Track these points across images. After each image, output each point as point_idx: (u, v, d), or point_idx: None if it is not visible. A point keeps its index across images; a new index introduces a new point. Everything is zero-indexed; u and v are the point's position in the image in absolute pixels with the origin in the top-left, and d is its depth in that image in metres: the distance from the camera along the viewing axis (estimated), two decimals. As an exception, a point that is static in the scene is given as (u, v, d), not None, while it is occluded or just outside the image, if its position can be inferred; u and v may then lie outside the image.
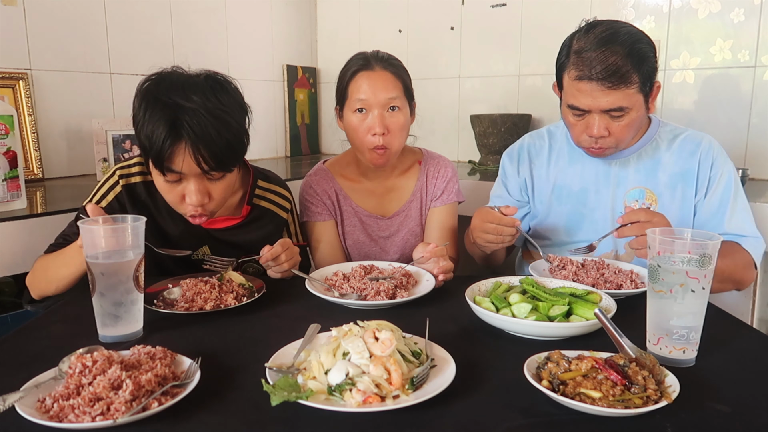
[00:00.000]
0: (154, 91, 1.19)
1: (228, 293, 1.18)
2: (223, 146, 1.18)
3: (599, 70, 1.28)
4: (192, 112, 1.15)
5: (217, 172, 1.22)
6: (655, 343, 0.93)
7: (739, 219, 1.43)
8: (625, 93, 1.30)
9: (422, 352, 0.88)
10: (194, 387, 0.80)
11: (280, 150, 3.26)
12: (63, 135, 2.27)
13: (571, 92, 1.36)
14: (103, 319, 1.00)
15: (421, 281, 1.30)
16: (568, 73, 1.36)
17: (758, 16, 2.19)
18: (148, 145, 1.18)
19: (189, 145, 1.15)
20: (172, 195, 1.25)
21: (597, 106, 1.32)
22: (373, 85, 1.48)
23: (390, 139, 1.50)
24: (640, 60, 1.30)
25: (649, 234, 0.94)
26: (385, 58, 1.54)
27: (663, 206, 1.46)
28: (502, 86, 2.84)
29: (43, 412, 0.74)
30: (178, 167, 1.18)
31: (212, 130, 1.16)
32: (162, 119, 1.15)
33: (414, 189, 1.65)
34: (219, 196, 1.27)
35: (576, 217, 1.55)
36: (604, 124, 1.35)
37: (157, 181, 1.26)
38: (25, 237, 1.54)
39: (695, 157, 1.45)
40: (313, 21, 3.38)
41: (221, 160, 1.20)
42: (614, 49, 1.29)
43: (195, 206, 1.24)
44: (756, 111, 2.24)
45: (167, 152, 1.16)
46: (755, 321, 1.88)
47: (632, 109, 1.33)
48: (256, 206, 1.45)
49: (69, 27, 2.25)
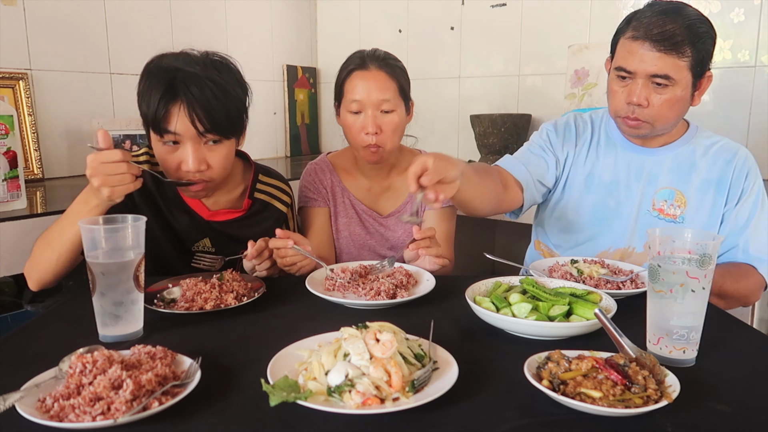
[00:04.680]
0: (157, 62, 1.26)
1: (228, 293, 1.18)
2: (218, 109, 1.21)
3: (655, 33, 1.29)
4: (190, 75, 1.21)
5: (212, 135, 1.23)
6: (655, 343, 0.93)
7: (762, 237, 1.41)
8: (674, 62, 1.30)
9: (426, 355, 0.88)
10: (194, 387, 0.80)
11: (280, 150, 3.26)
12: (63, 135, 2.27)
13: (622, 54, 1.36)
14: (104, 319, 1.00)
15: (422, 281, 1.30)
16: (624, 36, 1.37)
17: (758, 16, 2.19)
18: (146, 108, 1.21)
19: (184, 105, 1.19)
20: (169, 161, 1.26)
21: (644, 69, 1.32)
22: (366, 85, 1.49)
23: (383, 138, 1.51)
24: (697, 37, 1.30)
25: (650, 234, 0.94)
26: (381, 57, 1.54)
27: (692, 210, 1.44)
28: (502, 86, 2.84)
29: (43, 412, 0.74)
30: (173, 127, 1.21)
31: (208, 93, 1.20)
32: (161, 82, 1.20)
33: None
34: (217, 165, 1.28)
35: (602, 209, 1.52)
36: (646, 93, 1.34)
37: (157, 149, 1.27)
38: (25, 237, 1.54)
39: (731, 166, 1.44)
40: (313, 21, 3.38)
41: (216, 121, 1.22)
42: (674, 18, 1.30)
43: (192, 172, 1.25)
44: (756, 111, 2.24)
45: (163, 111, 1.19)
46: (755, 321, 1.89)
47: (677, 84, 1.32)
48: (257, 200, 1.48)
49: (69, 27, 2.25)
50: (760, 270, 1.39)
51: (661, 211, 1.46)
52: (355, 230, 1.64)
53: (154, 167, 1.38)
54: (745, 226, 1.41)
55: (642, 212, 1.48)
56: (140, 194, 1.36)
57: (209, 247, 1.43)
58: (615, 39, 1.42)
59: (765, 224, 1.42)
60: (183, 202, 1.41)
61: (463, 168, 1.16)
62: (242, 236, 1.41)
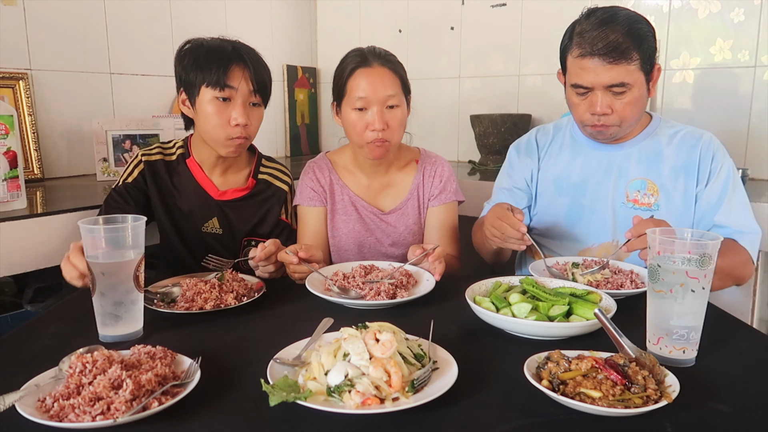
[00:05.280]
0: (198, 41, 1.48)
1: (228, 293, 1.18)
2: (267, 76, 1.51)
3: (600, 47, 1.34)
4: (243, 47, 1.48)
5: (258, 97, 1.49)
6: (655, 343, 0.93)
7: (737, 213, 1.45)
8: (626, 69, 1.34)
9: (425, 355, 0.88)
10: (194, 387, 0.80)
11: (280, 150, 3.26)
12: (63, 135, 2.27)
13: (574, 71, 1.41)
14: (104, 319, 1.00)
15: (421, 281, 1.30)
16: (571, 53, 1.41)
17: (758, 16, 2.19)
18: (206, 69, 1.41)
19: (247, 67, 1.44)
20: (219, 117, 1.44)
21: (600, 82, 1.36)
22: (372, 83, 1.49)
23: (390, 133, 1.52)
24: (640, 38, 1.35)
25: (649, 234, 0.94)
26: (382, 54, 1.55)
27: (665, 197, 1.48)
28: (502, 86, 2.84)
29: (43, 412, 0.74)
30: (236, 83, 1.43)
31: (260, 62, 1.49)
32: (222, 50, 1.44)
33: (411, 187, 1.66)
34: (255, 124, 1.52)
35: (576, 208, 1.56)
36: (607, 102, 1.39)
37: (205, 109, 1.45)
38: (25, 237, 1.54)
39: (696, 150, 1.48)
40: (313, 21, 3.38)
41: (264, 85, 1.49)
42: (614, 28, 1.34)
43: (241, 125, 1.45)
44: (756, 111, 2.24)
45: (226, 71, 1.41)
46: (755, 321, 1.88)
47: (634, 86, 1.37)
48: (261, 180, 1.64)
49: (69, 27, 2.25)
50: (742, 243, 1.43)
51: (635, 202, 1.50)
52: (354, 227, 1.64)
53: (164, 157, 1.58)
54: (718, 204, 1.45)
55: (617, 205, 1.52)
56: (154, 179, 1.55)
57: (217, 228, 1.57)
58: (563, 55, 1.47)
59: (739, 200, 1.46)
60: (195, 182, 1.57)
61: None
62: (247, 215, 1.60)
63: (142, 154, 1.57)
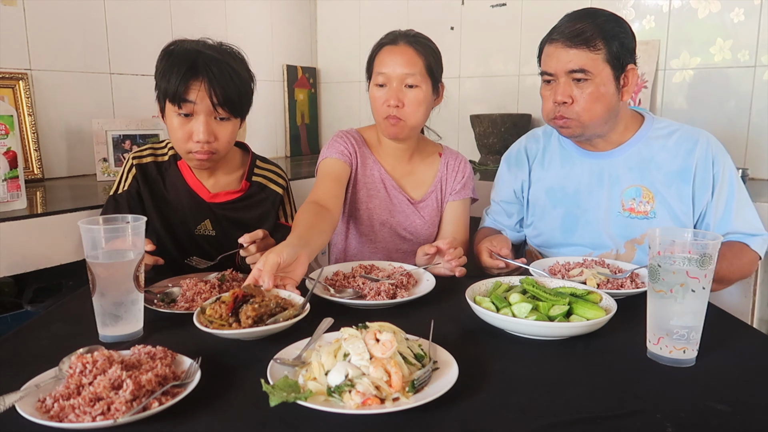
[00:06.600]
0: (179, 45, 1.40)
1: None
2: (233, 88, 1.38)
3: (567, 33, 1.38)
4: (210, 57, 1.37)
5: (224, 111, 1.38)
6: (656, 342, 0.93)
7: (745, 215, 1.44)
8: (587, 55, 1.35)
9: (426, 355, 0.88)
10: (194, 387, 0.80)
11: (280, 150, 3.26)
12: (63, 135, 2.27)
13: (543, 60, 1.44)
14: (104, 319, 1.00)
15: (421, 281, 1.30)
16: (544, 47, 1.44)
17: (758, 16, 2.19)
18: (167, 82, 1.35)
19: (205, 81, 1.35)
20: (181, 132, 1.39)
21: (562, 67, 1.38)
22: (393, 59, 1.52)
23: (405, 112, 1.52)
24: (608, 34, 1.36)
25: (650, 234, 0.94)
26: (412, 35, 1.56)
27: (661, 204, 1.45)
28: (502, 86, 2.84)
29: (43, 412, 0.74)
30: (193, 98, 1.35)
31: (225, 74, 1.37)
32: (185, 61, 1.35)
33: (435, 180, 1.66)
34: (223, 138, 1.42)
35: (571, 219, 1.54)
36: (568, 91, 1.38)
37: (171, 122, 1.40)
38: (25, 237, 1.54)
39: (692, 155, 1.44)
40: (313, 21, 3.38)
41: (229, 99, 1.38)
42: (584, 19, 1.38)
43: (202, 142, 1.38)
44: (756, 111, 2.24)
45: (185, 85, 1.34)
46: (755, 321, 1.88)
47: (596, 77, 1.36)
48: (255, 183, 1.59)
49: (69, 27, 2.25)
50: (753, 246, 1.42)
51: (631, 210, 1.48)
52: (379, 205, 1.62)
53: (156, 158, 1.54)
54: (729, 209, 1.43)
55: (613, 215, 1.49)
56: (146, 181, 1.50)
57: (210, 230, 1.53)
58: (539, 57, 1.48)
59: (745, 201, 1.45)
60: (186, 185, 1.52)
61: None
62: (241, 219, 1.54)
63: (134, 158, 1.53)
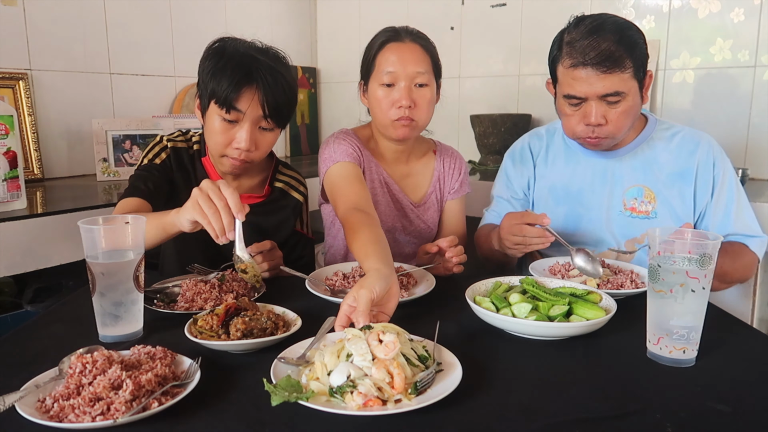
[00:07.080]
0: (231, 44, 1.35)
1: (228, 293, 1.18)
2: (284, 100, 1.35)
3: (593, 56, 1.30)
4: (264, 65, 1.32)
5: (271, 122, 1.35)
6: (655, 343, 0.93)
7: (745, 217, 1.45)
8: (620, 77, 1.31)
9: (430, 356, 0.87)
10: (194, 387, 0.80)
11: (280, 150, 3.26)
12: (63, 135, 2.27)
13: (566, 82, 1.37)
14: (103, 319, 1.00)
15: (421, 282, 1.30)
16: (562, 63, 1.38)
17: (758, 16, 2.19)
18: (217, 85, 1.30)
19: (259, 92, 1.30)
20: (223, 137, 1.34)
21: (594, 92, 1.33)
22: (402, 57, 1.44)
23: (417, 112, 1.46)
24: (631, 46, 1.32)
25: (650, 234, 0.94)
26: (414, 31, 1.51)
27: (662, 204, 1.47)
28: (502, 86, 2.84)
29: (43, 412, 0.74)
30: (244, 107, 1.31)
31: (279, 85, 1.33)
32: (238, 65, 1.30)
33: (432, 179, 1.63)
34: (263, 149, 1.40)
35: (573, 217, 1.55)
36: (601, 112, 1.35)
37: (211, 122, 1.35)
38: (25, 237, 1.54)
39: (694, 156, 1.46)
40: (313, 21, 3.38)
41: (279, 111, 1.34)
42: (605, 36, 1.31)
43: (242, 150, 1.34)
44: (756, 111, 2.24)
45: (238, 93, 1.29)
46: (755, 321, 1.88)
47: (628, 95, 1.34)
48: (276, 188, 1.56)
49: (69, 27, 2.25)
50: (752, 247, 1.43)
51: (633, 210, 1.49)
52: (385, 210, 1.56)
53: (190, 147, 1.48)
54: (728, 211, 1.44)
55: (614, 214, 1.50)
56: (179, 166, 1.46)
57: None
58: (552, 66, 1.43)
59: (744, 204, 1.46)
60: None
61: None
62: (261, 224, 1.49)
63: (168, 140, 1.47)
